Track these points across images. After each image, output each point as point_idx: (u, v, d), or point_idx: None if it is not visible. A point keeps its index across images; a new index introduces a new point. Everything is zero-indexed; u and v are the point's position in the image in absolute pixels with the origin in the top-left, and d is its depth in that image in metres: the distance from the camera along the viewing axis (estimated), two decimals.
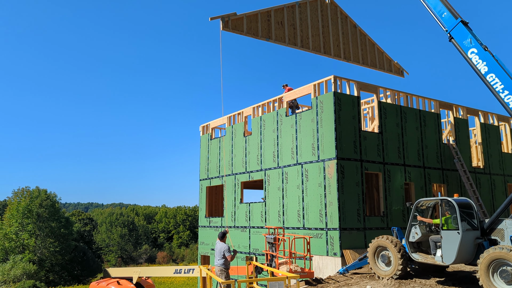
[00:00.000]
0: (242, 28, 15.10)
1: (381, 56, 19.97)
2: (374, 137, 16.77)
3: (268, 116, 19.16)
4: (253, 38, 15.39)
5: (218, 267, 11.25)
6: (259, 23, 15.56)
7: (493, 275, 9.34)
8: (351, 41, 18.60)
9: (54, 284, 45.89)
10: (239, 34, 15.16)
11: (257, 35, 15.43)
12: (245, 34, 15.18)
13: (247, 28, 15.25)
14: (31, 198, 51.37)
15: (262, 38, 15.57)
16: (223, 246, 11.30)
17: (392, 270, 11.57)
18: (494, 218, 10.20)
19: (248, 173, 20.09)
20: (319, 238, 15.60)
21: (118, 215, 79.99)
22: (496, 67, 10.57)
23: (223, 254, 11.21)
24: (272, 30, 15.91)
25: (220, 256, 11.27)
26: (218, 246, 11.43)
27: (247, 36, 15.26)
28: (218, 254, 11.34)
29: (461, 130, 20.06)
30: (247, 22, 15.29)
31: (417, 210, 11.59)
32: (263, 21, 15.69)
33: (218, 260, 11.31)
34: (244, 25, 15.18)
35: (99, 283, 15.26)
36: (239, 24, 15.08)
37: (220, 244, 11.41)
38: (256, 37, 15.42)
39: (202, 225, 23.62)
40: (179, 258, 75.06)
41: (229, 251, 11.21)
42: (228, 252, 11.19)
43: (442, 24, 11.78)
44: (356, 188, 15.71)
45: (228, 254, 11.18)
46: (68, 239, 53.54)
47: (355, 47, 18.77)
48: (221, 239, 11.56)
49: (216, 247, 11.52)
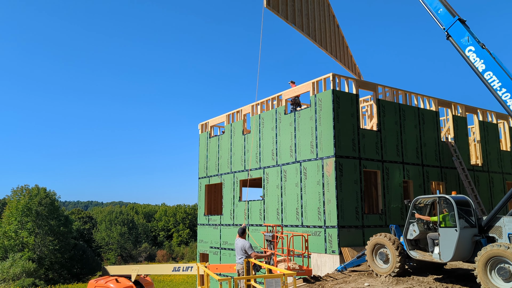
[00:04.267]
0: (278, 9, 15.69)
1: (346, 51, 20.17)
2: (372, 135, 16.76)
3: (267, 114, 19.16)
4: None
5: (240, 265, 10.78)
6: (288, 7, 16.19)
7: (490, 272, 9.35)
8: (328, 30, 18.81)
9: (53, 282, 45.93)
10: (275, 15, 15.79)
11: (287, 19, 16.04)
12: (279, 15, 15.79)
13: (281, 10, 15.87)
14: (30, 196, 51.38)
15: (289, 23, 16.14)
16: (244, 243, 10.78)
17: (390, 267, 11.59)
18: (492, 215, 10.21)
19: (247, 171, 20.09)
20: (317, 236, 15.62)
21: (118, 214, 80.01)
22: (494, 65, 10.56)
23: (245, 251, 10.69)
24: (295, 16, 16.49)
25: (241, 253, 10.76)
26: (238, 244, 10.89)
27: (281, 18, 15.87)
28: (239, 252, 10.81)
29: (459, 128, 20.06)
30: (281, 4, 15.84)
31: (415, 208, 11.60)
32: (289, 5, 16.31)
33: (240, 259, 10.82)
34: (280, 5, 15.74)
35: (98, 281, 15.27)
36: (275, 4, 15.61)
37: (240, 241, 10.89)
38: (286, 21, 16.04)
39: (201, 223, 23.63)
40: (179, 256, 75.18)
41: (252, 248, 10.72)
42: (250, 249, 10.69)
43: (439, 22, 11.77)
44: (354, 186, 15.72)
45: (251, 251, 10.68)
46: (68, 237, 53.57)
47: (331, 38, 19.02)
48: (241, 236, 11.09)
49: (236, 244, 10.99)
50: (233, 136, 21.53)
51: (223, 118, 22.68)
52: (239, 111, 21.38)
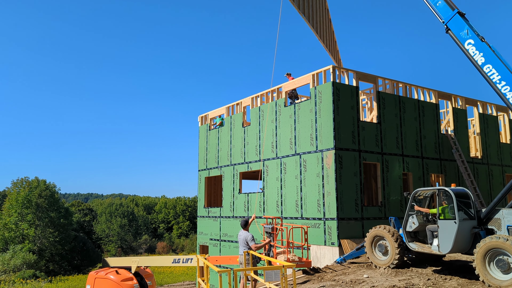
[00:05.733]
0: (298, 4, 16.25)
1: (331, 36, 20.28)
2: (372, 127, 16.74)
3: (266, 107, 19.12)
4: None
5: (243, 257, 10.81)
6: None
7: (489, 264, 9.40)
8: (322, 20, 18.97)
9: (54, 274, 46.09)
10: (291, 4, 16.24)
11: (299, 8, 16.45)
12: (293, 3, 16.22)
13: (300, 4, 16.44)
14: (30, 188, 51.38)
15: (300, 13, 16.58)
16: (247, 235, 10.83)
17: (389, 259, 11.64)
18: (491, 207, 10.23)
19: (246, 163, 20.09)
20: (317, 228, 15.66)
21: (118, 206, 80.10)
22: (493, 58, 10.52)
23: (246, 243, 10.75)
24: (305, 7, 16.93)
25: (244, 245, 10.80)
26: (241, 236, 10.94)
27: (294, 7, 16.30)
28: (242, 244, 10.85)
29: (459, 120, 20.04)
30: None
31: (414, 200, 11.63)
32: None
33: (243, 251, 10.86)
34: None
35: (98, 273, 15.32)
36: None
37: (243, 233, 10.95)
38: (298, 10, 16.46)
39: (201, 215, 23.69)
40: (179, 248, 75.40)
41: (253, 240, 10.76)
42: (252, 241, 10.71)
43: (438, 15, 11.70)
44: (354, 178, 15.73)
45: (252, 243, 10.71)
46: (68, 229, 53.65)
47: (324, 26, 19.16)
48: (244, 228, 11.12)
49: (239, 236, 11.05)
50: (233, 129, 21.50)
51: (222, 111, 22.64)
52: (239, 104, 21.33)
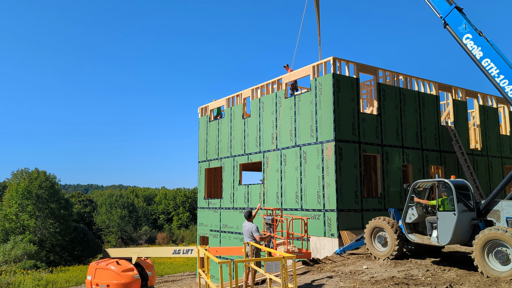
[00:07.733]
0: None
1: None
2: (372, 119, 16.74)
3: (267, 98, 19.08)
4: None
5: (248, 248, 10.81)
6: None
7: (488, 255, 9.46)
8: None
9: (55, 264, 46.32)
10: None
11: None
12: None
13: None
14: (30, 179, 51.43)
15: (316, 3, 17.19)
16: (251, 226, 10.85)
17: (388, 250, 11.71)
18: (490, 199, 10.27)
19: (247, 155, 20.11)
20: (316, 219, 15.72)
21: (118, 197, 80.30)
22: (491, 52, 10.51)
23: (251, 234, 10.77)
24: None
25: (248, 236, 10.81)
26: (246, 227, 10.96)
27: None
28: (247, 235, 10.86)
29: (459, 112, 20.03)
30: None
31: (414, 192, 11.66)
32: None
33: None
34: None
35: (99, 263, 15.41)
36: None
37: (248, 224, 10.96)
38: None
39: (201, 206, 23.76)
40: (179, 239, 75.71)
41: (258, 231, 10.77)
42: (256, 232, 10.72)
43: (436, 10, 11.65)
44: (354, 170, 15.76)
45: (257, 234, 10.71)
46: (68, 220, 53.81)
47: None
48: (248, 219, 11.14)
49: (243, 228, 11.05)
50: (233, 120, 21.48)
51: (223, 102, 22.60)
52: (239, 95, 21.29)
